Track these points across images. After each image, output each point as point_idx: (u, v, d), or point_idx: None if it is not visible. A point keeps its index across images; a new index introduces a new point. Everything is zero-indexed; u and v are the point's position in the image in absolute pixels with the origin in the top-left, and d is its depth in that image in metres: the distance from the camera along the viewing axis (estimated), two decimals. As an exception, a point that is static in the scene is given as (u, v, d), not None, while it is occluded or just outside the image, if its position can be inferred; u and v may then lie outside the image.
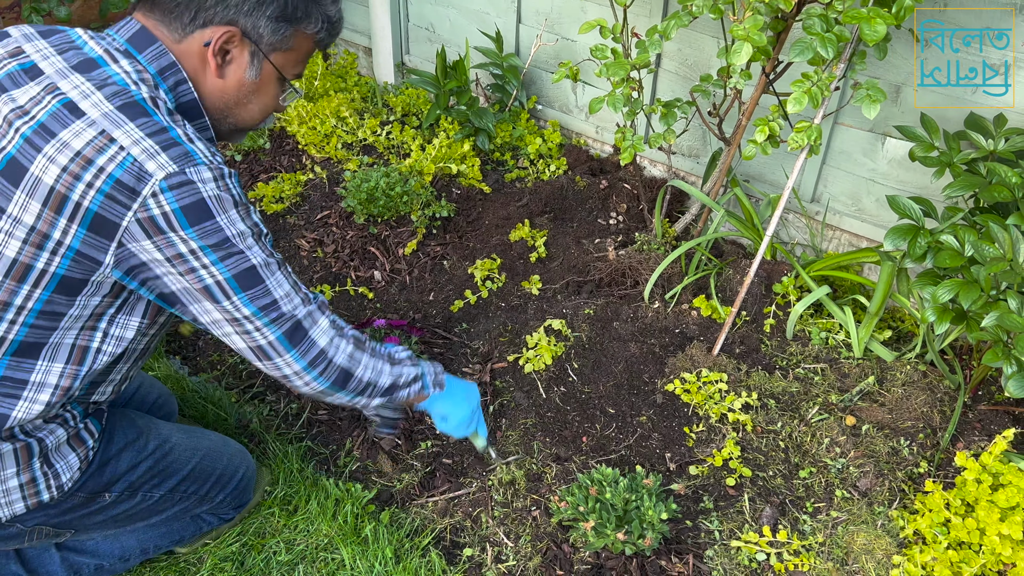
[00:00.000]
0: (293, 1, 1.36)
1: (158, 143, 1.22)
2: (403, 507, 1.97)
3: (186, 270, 1.27)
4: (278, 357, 1.39)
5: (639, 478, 1.83)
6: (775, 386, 2.20)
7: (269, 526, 1.94)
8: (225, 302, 1.32)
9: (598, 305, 2.40)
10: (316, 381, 1.45)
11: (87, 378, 1.43)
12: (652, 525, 1.73)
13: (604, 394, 2.18)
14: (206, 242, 1.26)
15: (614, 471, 1.82)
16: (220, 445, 1.86)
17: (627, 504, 1.77)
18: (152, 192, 1.20)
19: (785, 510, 1.93)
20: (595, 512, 1.75)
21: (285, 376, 1.43)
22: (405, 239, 2.60)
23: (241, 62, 1.38)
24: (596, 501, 1.77)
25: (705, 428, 2.10)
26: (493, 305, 2.45)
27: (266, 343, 1.37)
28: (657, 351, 2.29)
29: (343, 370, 1.47)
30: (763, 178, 2.65)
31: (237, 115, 1.45)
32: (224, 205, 1.27)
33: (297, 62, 1.45)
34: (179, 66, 1.34)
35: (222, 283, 1.30)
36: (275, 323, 1.37)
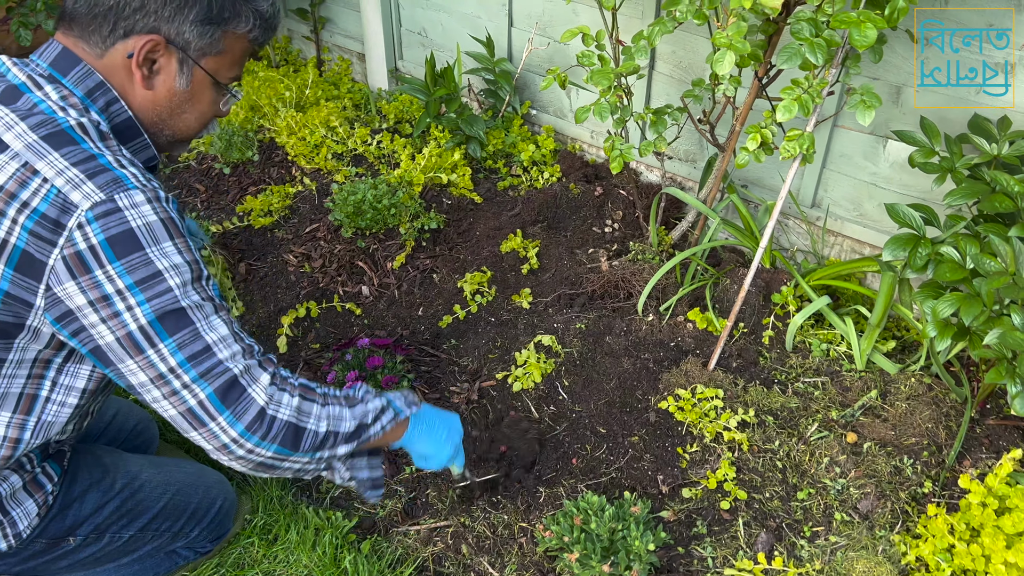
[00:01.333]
0: (219, 2, 1.28)
1: (84, 171, 1.15)
2: (386, 535, 1.91)
3: (110, 315, 1.16)
4: (211, 422, 1.21)
5: (626, 505, 1.76)
6: (773, 402, 2.12)
7: (248, 556, 1.89)
8: (150, 351, 1.17)
9: (590, 319, 2.33)
10: (260, 447, 1.25)
11: (40, 428, 1.36)
12: (639, 556, 1.66)
13: (595, 413, 2.11)
14: (134, 278, 1.15)
15: (600, 499, 1.75)
16: (195, 477, 1.80)
17: (613, 534, 1.70)
18: (78, 223, 1.13)
19: (782, 535, 1.85)
20: (580, 543, 1.68)
21: (223, 446, 1.24)
22: (394, 252, 2.54)
23: (169, 71, 1.30)
24: (581, 531, 1.70)
25: (699, 448, 2.02)
26: (483, 320, 2.39)
27: (196, 403, 1.20)
28: (651, 366, 2.21)
29: (291, 426, 1.27)
30: (762, 183, 2.56)
31: (173, 126, 1.37)
32: (156, 235, 1.17)
33: (232, 64, 1.36)
34: (107, 85, 1.27)
35: (146, 327, 1.17)
36: (205, 378, 1.20)
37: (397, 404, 1.52)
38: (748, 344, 2.28)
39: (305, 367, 2.29)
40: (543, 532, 1.76)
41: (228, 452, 1.25)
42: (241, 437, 1.23)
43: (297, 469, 1.34)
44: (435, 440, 1.58)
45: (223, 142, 2.92)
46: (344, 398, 1.40)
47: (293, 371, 2.28)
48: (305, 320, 2.42)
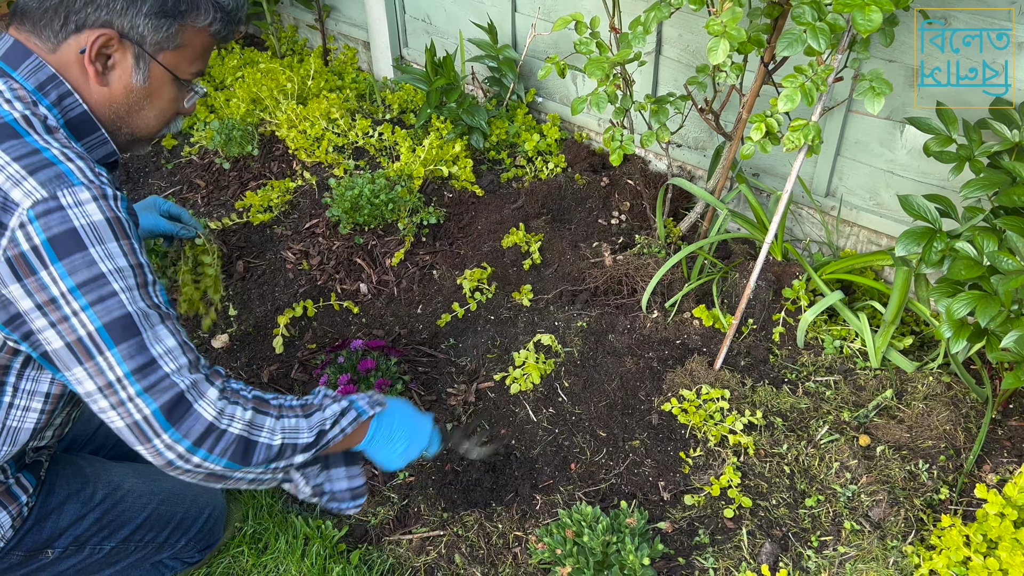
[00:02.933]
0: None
1: (26, 167, 1.09)
2: (377, 544, 1.86)
3: (59, 318, 1.11)
4: (156, 438, 1.15)
5: (622, 516, 1.69)
6: (783, 402, 2.03)
7: (238, 566, 1.85)
8: (99, 358, 1.12)
9: (592, 316, 2.25)
10: (208, 460, 1.19)
11: (7, 434, 1.31)
12: (634, 571, 1.59)
13: (595, 415, 2.04)
14: (76, 279, 1.09)
15: (594, 509, 1.68)
16: (182, 486, 1.76)
17: (607, 547, 1.63)
18: (20, 223, 1.07)
19: (787, 545, 1.77)
20: (572, 556, 1.61)
21: (169, 463, 1.18)
22: (392, 248, 2.47)
23: (125, 66, 1.24)
24: (574, 544, 1.63)
25: (703, 452, 1.94)
26: (482, 318, 2.32)
27: (141, 418, 1.15)
28: (655, 366, 2.13)
29: (241, 440, 1.21)
30: (774, 171, 2.45)
31: (132, 124, 1.32)
32: (100, 234, 1.11)
33: (193, 59, 1.30)
34: (60, 78, 1.21)
35: (93, 334, 1.11)
36: (150, 392, 1.15)
37: (360, 404, 1.42)
38: (757, 341, 2.19)
39: (300, 368, 2.25)
40: (536, 544, 1.70)
41: (174, 468, 1.19)
42: (188, 452, 1.17)
43: (251, 479, 1.28)
44: (390, 452, 1.48)
45: (223, 136, 2.87)
46: (301, 407, 1.33)
47: (288, 372, 2.23)
48: (302, 319, 2.37)
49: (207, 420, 1.18)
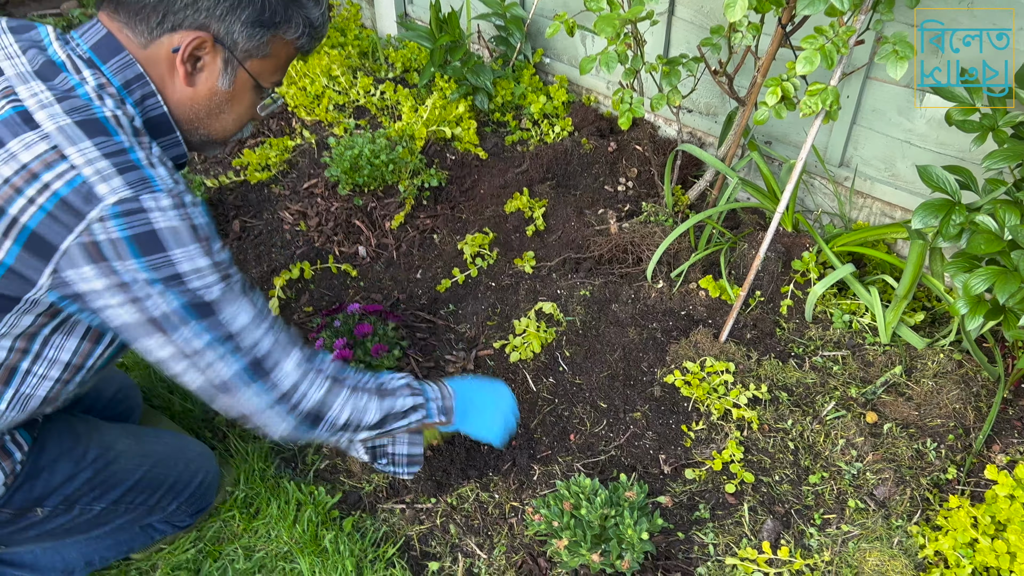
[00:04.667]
0: (271, 5, 1.23)
1: (114, 165, 1.10)
2: (371, 511, 1.82)
3: (130, 299, 1.13)
4: (240, 392, 1.23)
5: (621, 489, 1.65)
6: (788, 377, 1.98)
7: (228, 531, 1.82)
8: (175, 334, 1.16)
9: (596, 285, 2.19)
10: (287, 418, 1.28)
11: (17, 401, 1.30)
12: (632, 545, 1.55)
13: (596, 386, 1.99)
14: (157, 275, 1.12)
15: (593, 482, 1.64)
16: (176, 449, 1.73)
17: (605, 520, 1.59)
18: (100, 216, 1.08)
19: (790, 522, 1.73)
20: (569, 529, 1.58)
21: (246, 416, 1.27)
22: (392, 211, 2.41)
23: (213, 70, 1.26)
24: (571, 517, 1.59)
25: (706, 426, 1.90)
26: (483, 284, 2.26)
27: (229, 376, 1.21)
28: (658, 337, 2.08)
29: (313, 411, 1.30)
30: (787, 139, 2.38)
31: (209, 126, 1.33)
32: (180, 238, 1.14)
33: (275, 70, 1.33)
34: (146, 78, 1.22)
35: (170, 314, 1.15)
36: (237, 353, 1.21)
37: (432, 407, 1.52)
38: (764, 314, 2.13)
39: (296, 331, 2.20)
40: (532, 515, 1.66)
41: (252, 420, 1.28)
42: (267, 409, 1.25)
43: (318, 442, 1.43)
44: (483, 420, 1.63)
45: (221, 92, 2.79)
46: (376, 389, 1.41)
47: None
48: (299, 282, 2.31)
49: (292, 380, 1.26)
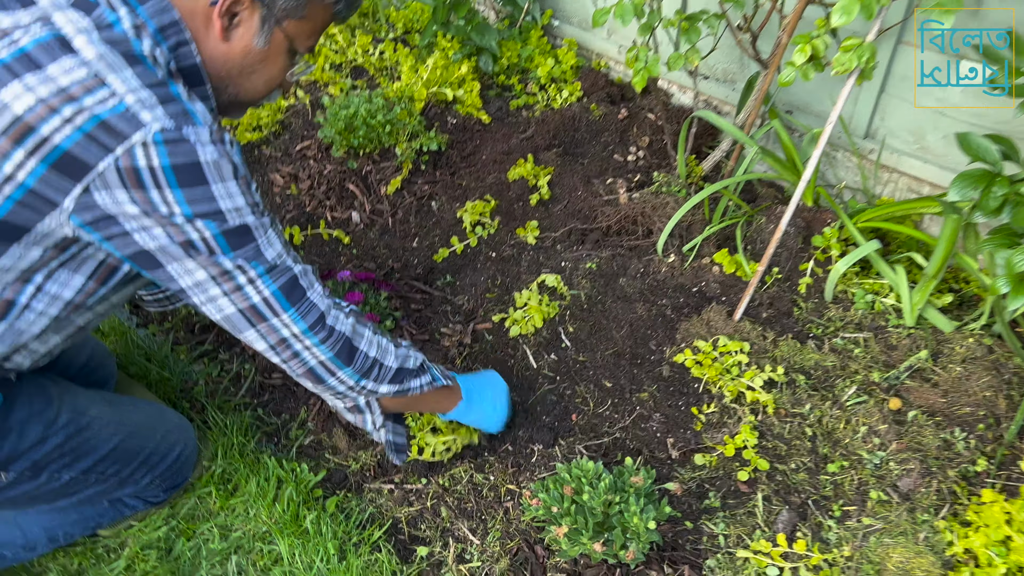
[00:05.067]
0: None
1: (156, 95, 1.07)
2: (357, 491, 1.70)
3: (166, 223, 1.09)
4: (275, 317, 1.21)
5: (627, 474, 1.52)
6: (806, 359, 1.85)
7: (204, 508, 1.70)
8: (209, 256, 1.13)
9: (603, 257, 2.06)
10: (319, 348, 1.27)
11: (8, 336, 1.23)
12: (637, 535, 1.43)
13: (601, 364, 1.87)
14: (194, 209, 1.09)
15: (596, 465, 1.52)
16: (154, 419, 1.61)
17: (609, 507, 1.47)
18: (143, 141, 1.04)
19: (807, 513, 1.61)
20: (570, 515, 1.45)
21: (282, 340, 1.24)
22: (388, 175, 2.28)
23: (250, 26, 1.22)
24: (572, 502, 1.47)
25: (717, 409, 1.77)
26: (483, 255, 2.13)
27: (260, 300, 1.19)
28: (668, 314, 1.95)
29: (347, 340, 1.29)
30: (809, 108, 2.24)
31: (240, 85, 1.29)
32: (222, 172, 1.11)
33: (311, 34, 1.29)
34: (182, 26, 1.17)
35: (209, 239, 1.12)
36: (271, 275, 1.19)
37: (434, 371, 1.52)
38: (781, 292, 2.00)
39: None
40: (529, 500, 1.54)
41: (286, 346, 1.25)
42: (303, 335, 1.24)
43: (340, 392, 1.36)
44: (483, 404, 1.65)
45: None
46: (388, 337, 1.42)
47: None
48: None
49: (320, 309, 1.25)
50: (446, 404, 1.59)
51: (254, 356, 1.95)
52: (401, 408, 1.54)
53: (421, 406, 1.58)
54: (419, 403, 1.55)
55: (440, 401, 1.58)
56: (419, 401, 1.53)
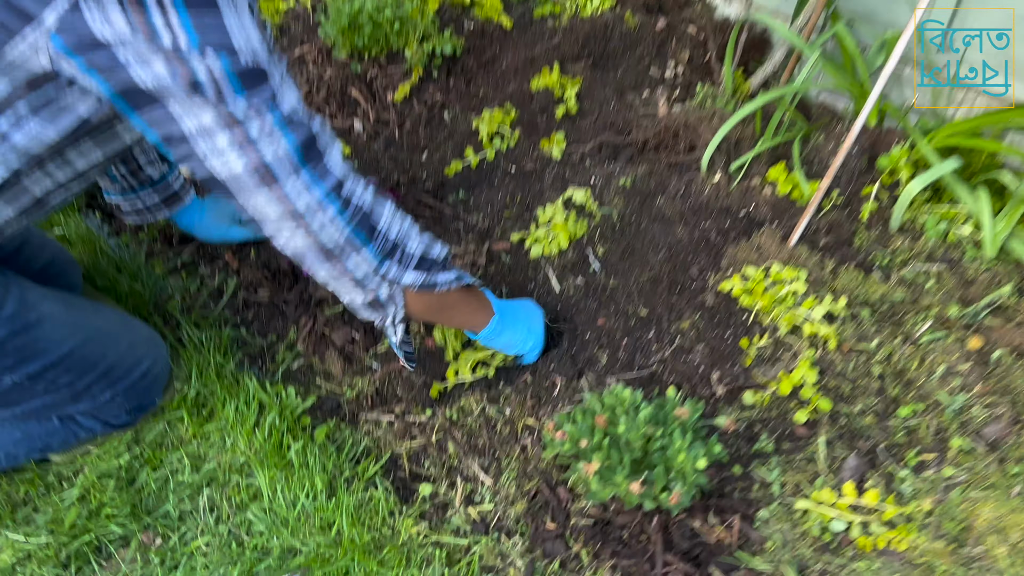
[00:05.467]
0: None
1: None
2: (351, 422, 1.47)
3: (168, 55, 0.90)
4: (290, 178, 1.03)
5: (669, 405, 1.29)
6: (871, 291, 1.61)
7: (174, 435, 1.47)
8: (220, 100, 0.94)
9: (639, 174, 1.81)
10: (339, 219, 1.08)
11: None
12: (683, 475, 1.20)
13: (636, 291, 1.63)
14: (204, 38, 0.91)
15: (634, 393, 1.28)
16: (118, 328, 1.38)
17: (648, 442, 1.23)
18: None
19: (875, 461, 1.37)
20: (602, 450, 1.22)
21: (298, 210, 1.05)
22: (396, 81, 2.03)
23: None
24: (604, 435, 1.23)
25: (770, 342, 1.53)
26: (501, 169, 1.89)
27: (275, 156, 1.00)
28: (712, 238, 1.71)
29: (367, 214, 1.12)
30: (875, 17, 1.97)
31: None
32: (237, 2, 0.92)
33: None
34: None
35: (219, 78, 0.93)
36: (290, 127, 1.01)
37: (465, 274, 1.32)
38: (841, 219, 1.75)
39: (275, 211, 1.84)
40: (553, 433, 1.30)
41: (299, 217, 1.05)
42: (322, 202, 1.06)
43: (359, 278, 1.16)
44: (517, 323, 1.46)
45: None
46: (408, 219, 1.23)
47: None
48: (282, 157, 1.94)
49: (337, 175, 1.07)
50: (477, 318, 1.38)
51: (238, 270, 1.72)
52: (427, 316, 1.32)
53: (449, 315, 1.35)
54: (447, 311, 1.33)
55: (470, 313, 1.37)
56: (447, 308, 1.32)
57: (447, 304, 1.30)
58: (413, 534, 1.30)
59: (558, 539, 1.29)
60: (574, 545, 1.29)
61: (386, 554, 1.27)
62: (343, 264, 1.13)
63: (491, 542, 1.30)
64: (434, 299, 1.27)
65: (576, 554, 1.28)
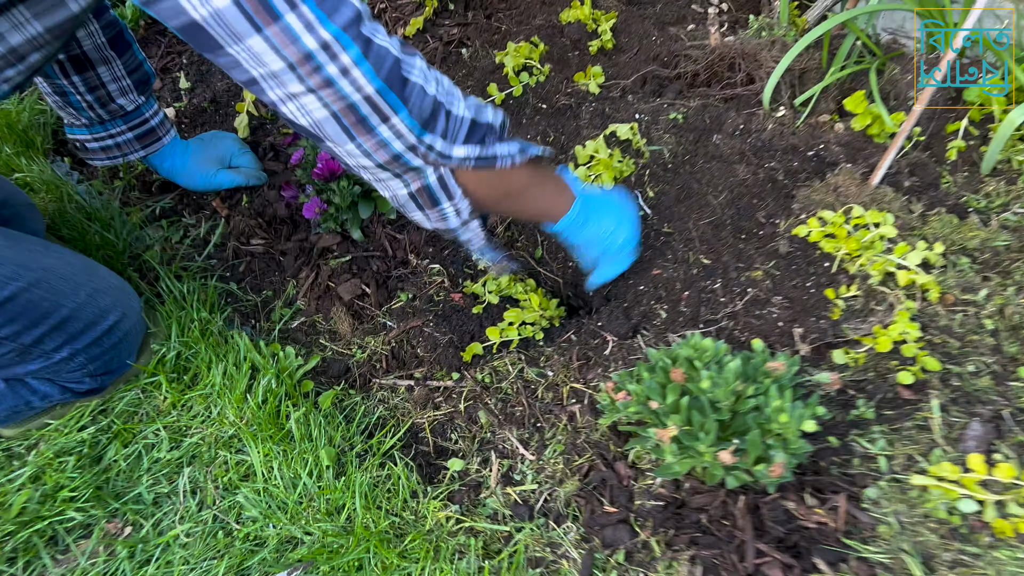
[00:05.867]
0: None
1: None
2: (363, 388, 1.23)
3: None
4: (291, 11, 0.77)
5: (759, 358, 1.04)
6: (969, 237, 1.37)
7: (150, 405, 1.22)
8: None
9: (690, 108, 1.57)
10: (361, 68, 0.83)
11: None
12: (785, 441, 0.96)
13: (696, 236, 1.39)
14: None
15: (716, 343, 1.04)
16: (77, 272, 1.14)
17: (737, 402, 0.99)
18: None
19: (1000, 429, 1.13)
20: (679, 412, 0.97)
21: (306, 56, 0.79)
22: (408, 14, 1.79)
23: None
24: (681, 393, 0.99)
25: (861, 292, 1.29)
26: (530, 107, 1.65)
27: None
28: (780, 179, 1.47)
29: (396, 62, 0.86)
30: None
31: None
32: None
33: None
34: None
35: None
36: None
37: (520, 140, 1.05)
38: (923, 160, 1.52)
39: (272, 155, 1.59)
40: (611, 394, 1.06)
41: (312, 66, 0.81)
42: (336, 40, 0.81)
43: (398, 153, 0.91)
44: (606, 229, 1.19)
45: None
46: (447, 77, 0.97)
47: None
48: (278, 98, 1.70)
49: (354, 7, 0.82)
50: (555, 202, 1.13)
51: (228, 218, 1.48)
52: (491, 201, 1.06)
53: (520, 202, 1.09)
54: (516, 196, 1.07)
55: (546, 196, 1.11)
56: (516, 192, 1.06)
57: (514, 186, 1.04)
58: (441, 519, 1.06)
59: (620, 525, 1.04)
60: (641, 532, 1.04)
61: (409, 543, 1.03)
62: (374, 136, 0.88)
63: (536, 529, 1.06)
64: (496, 180, 1.01)
65: (644, 543, 1.03)
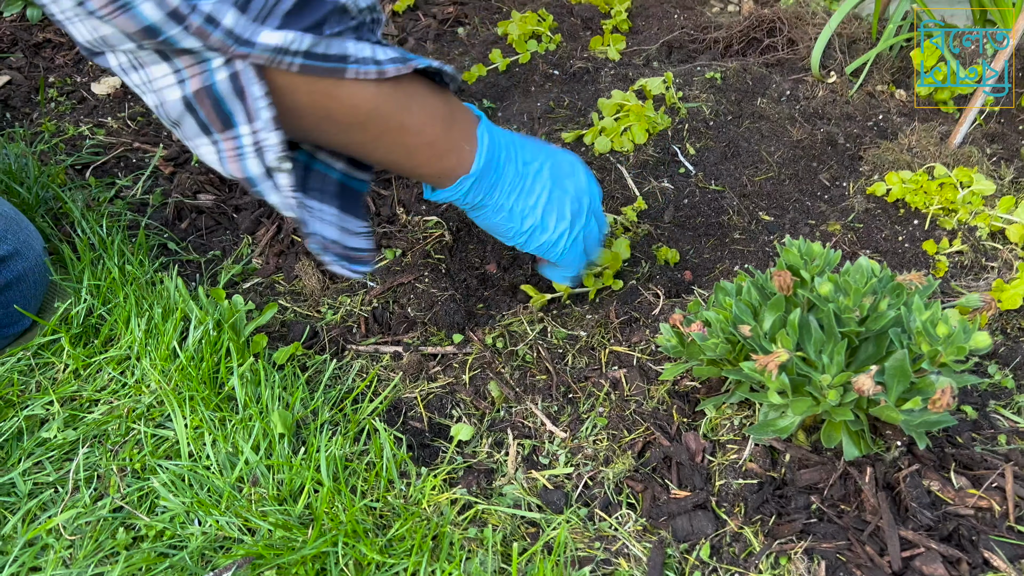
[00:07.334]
0: None
1: None
2: (339, 354, 0.92)
3: None
4: None
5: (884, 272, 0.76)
6: (1072, 202, 1.14)
7: (44, 373, 0.90)
8: None
9: (728, 69, 1.35)
10: None
11: None
12: (945, 367, 0.67)
13: (752, 193, 1.14)
14: None
15: (827, 249, 0.76)
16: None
17: (867, 320, 0.70)
18: None
19: None
20: (789, 333, 0.68)
21: None
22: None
23: None
24: (788, 305, 0.71)
25: (968, 246, 1.03)
26: (539, 73, 1.41)
27: None
28: (841, 142, 1.23)
29: None
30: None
31: None
32: None
33: None
34: None
35: None
36: None
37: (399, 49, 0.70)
38: (999, 129, 1.30)
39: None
40: (680, 326, 0.76)
41: None
42: None
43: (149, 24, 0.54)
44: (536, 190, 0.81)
45: None
46: None
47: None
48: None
49: None
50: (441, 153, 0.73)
51: (172, 176, 1.20)
52: (328, 136, 0.69)
53: (375, 140, 0.70)
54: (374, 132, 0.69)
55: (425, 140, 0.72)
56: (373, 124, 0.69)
57: (373, 116, 0.68)
58: (443, 504, 0.74)
59: (698, 511, 0.73)
60: (730, 520, 0.73)
61: (396, 534, 0.70)
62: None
63: (578, 520, 0.74)
64: (341, 101, 0.65)
65: (735, 534, 0.72)
